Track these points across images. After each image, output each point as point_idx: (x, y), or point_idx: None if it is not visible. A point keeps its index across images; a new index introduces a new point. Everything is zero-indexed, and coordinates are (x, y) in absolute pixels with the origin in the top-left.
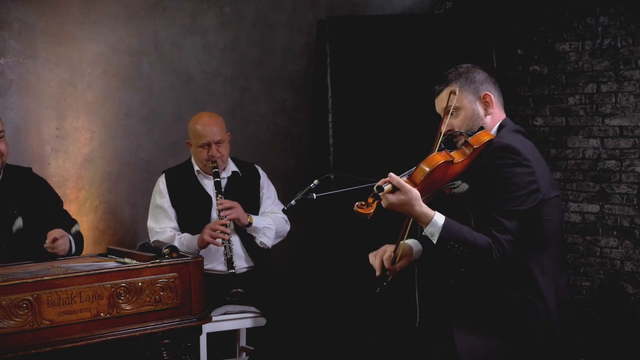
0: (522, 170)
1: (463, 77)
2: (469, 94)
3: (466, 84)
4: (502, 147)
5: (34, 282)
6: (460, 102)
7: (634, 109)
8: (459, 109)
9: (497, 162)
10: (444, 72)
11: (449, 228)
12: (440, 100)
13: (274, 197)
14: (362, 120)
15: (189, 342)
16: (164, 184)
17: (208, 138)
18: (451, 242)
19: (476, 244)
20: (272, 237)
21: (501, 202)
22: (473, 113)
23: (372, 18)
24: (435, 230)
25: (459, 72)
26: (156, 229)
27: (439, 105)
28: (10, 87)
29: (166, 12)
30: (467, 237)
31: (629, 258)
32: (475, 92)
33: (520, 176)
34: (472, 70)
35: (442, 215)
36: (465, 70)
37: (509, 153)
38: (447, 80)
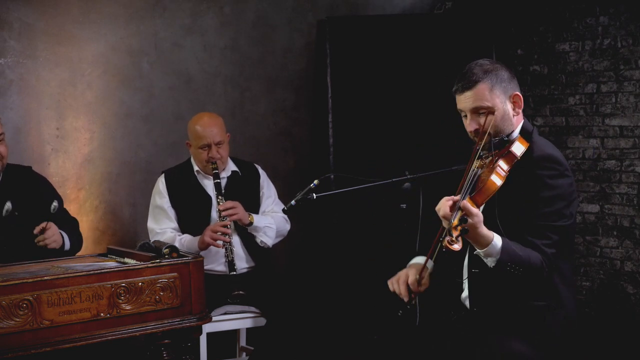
0: (565, 182)
1: (493, 74)
2: (500, 93)
3: (497, 82)
4: (546, 158)
5: (34, 282)
6: (493, 102)
7: (634, 109)
8: (491, 109)
9: (542, 172)
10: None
11: (506, 249)
12: (470, 97)
13: (274, 196)
14: (362, 120)
15: (189, 342)
16: (163, 185)
17: (208, 139)
18: (509, 263)
19: (530, 262)
20: (272, 237)
21: (548, 216)
22: (504, 114)
23: (372, 18)
24: (494, 252)
25: (486, 69)
26: (156, 230)
27: (469, 103)
28: (10, 87)
29: (166, 12)
30: (522, 257)
31: (629, 258)
32: (505, 91)
33: (564, 187)
34: (499, 67)
35: (498, 236)
36: (492, 67)
37: (553, 163)
38: (477, 75)
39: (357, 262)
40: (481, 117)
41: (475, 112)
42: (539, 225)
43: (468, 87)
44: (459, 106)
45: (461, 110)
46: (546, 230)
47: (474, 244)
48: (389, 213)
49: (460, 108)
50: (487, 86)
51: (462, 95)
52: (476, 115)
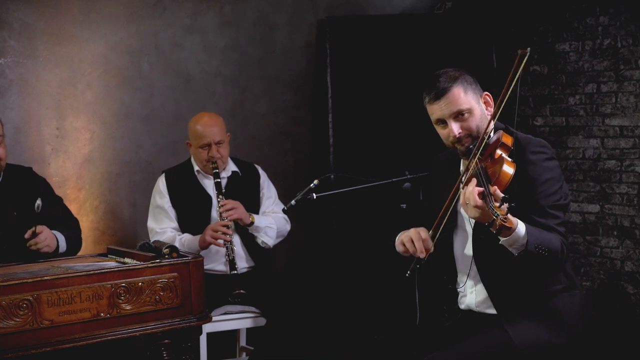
0: (555, 164)
1: (462, 79)
2: (473, 94)
3: (468, 84)
4: (536, 143)
5: (34, 282)
6: (469, 104)
7: (634, 109)
8: (471, 110)
9: (537, 156)
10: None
11: (531, 232)
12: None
13: (274, 196)
14: (362, 120)
15: (189, 342)
16: (164, 184)
17: (208, 139)
18: (537, 245)
19: (553, 242)
20: (273, 237)
21: (552, 195)
22: (481, 114)
23: (372, 18)
24: (520, 237)
25: (453, 75)
26: (157, 229)
27: (449, 108)
28: (10, 87)
29: (166, 12)
30: (546, 237)
31: (629, 258)
32: (475, 92)
33: (556, 169)
34: (464, 72)
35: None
36: (458, 73)
37: (543, 147)
38: (448, 81)
39: (357, 262)
40: (461, 119)
41: (455, 117)
42: (546, 206)
43: (443, 94)
44: (436, 115)
45: (439, 118)
46: (553, 209)
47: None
48: (389, 213)
49: (437, 117)
50: (461, 90)
51: (438, 103)
52: (457, 119)
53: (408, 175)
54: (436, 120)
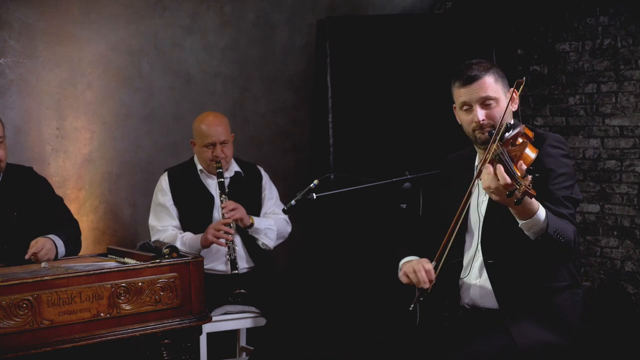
0: (571, 162)
1: (494, 70)
2: (503, 87)
3: (499, 76)
4: (556, 138)
5: (34, 282)
6: (498, 94)
7: (634, 109)
8: (498, 100)
9: (556, 150)
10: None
11: (550, 216)
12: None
13: (275, 198)
14: (362, 120)
15: (189, 342)
16: (166, 182)
17: (213, 138)
18: (555, 230)
19: (566, 229)
20: (273, 238)
21: (567, 188)
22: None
23: (372, 18)
24: (540, 221)
25: (487, 65)
26: (158, 227)
27: (477, 93)
28: (10, 87)
29: (166, 12)
30: (560, 223)
31: (630, 258)
32: (505, 86)
33: (570, 167)
34: (496, 65)
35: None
36: (491, 65)
37: (562, 144)
38: (482, 69)
39: (357, 262)
40: (487, 107)
41: (482, 103)
42: (561, 196)
43: (475, 79)
44: (463, 98)
45: (465, 102)
46: (568, 201)
47: (520, 214)
48: (389, 213)
49: (464, 100)
50: (492, 79)
51: (467, 87)
52: (483, 106)
53: (408, 175)
54: (462, 104)
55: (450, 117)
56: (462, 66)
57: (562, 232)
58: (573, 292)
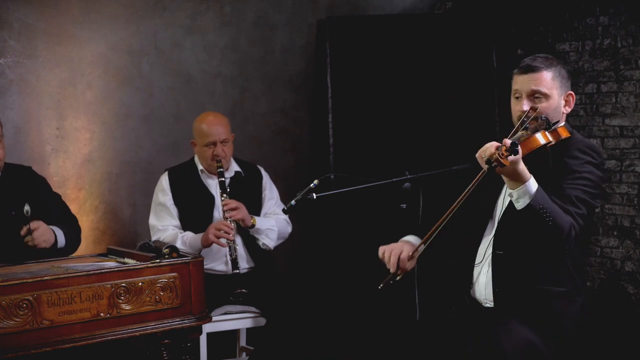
0: (599, 173)
1: (557, 68)
2: (559, 86)
3: (560, 75)
4: (591, 146)
5: (34, 282)
6: (550, 91)
7: (634, 109)
8: (548, 97)
9: (585, 156)
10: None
11: (541, 192)
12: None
13: (276, 198)
14: (362, 120)
15: (189, 342)
16: (167, 182)
17: (214, 137)
18: (541, 205)
19: (560, 216)
20: (274, 239)
21: (584, 191)
22: (557, 106)
23: (372, 18)
24: (529, 192)
25: (552, 62)
26: (158, 227)
27: (529, 85)
28: (10, 87)
29: (166, 12)
30: (554, 206)
31: (630, 258)
32: (562, 86)
33: (598, 177)
34: (562, 65)
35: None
36: (556, 62)
37: (595, 152)
38: (544, 63)
39: (357, 262)
40: (535, 101)
41: (531, 95)
42: (574, 195)
43: (532, 70)
44: (516, 86)
45: (517, 90)
46: (579, 201)
47: (510, 181)
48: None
49: (517, 88)
50: (550, 75)
51: (524, 76)
52: (531, 98)
53: (408, 175)
54: (514, 91)
55: (450, 117)
56: (531, 56)
57: (551, 213)
58: (572, 300)
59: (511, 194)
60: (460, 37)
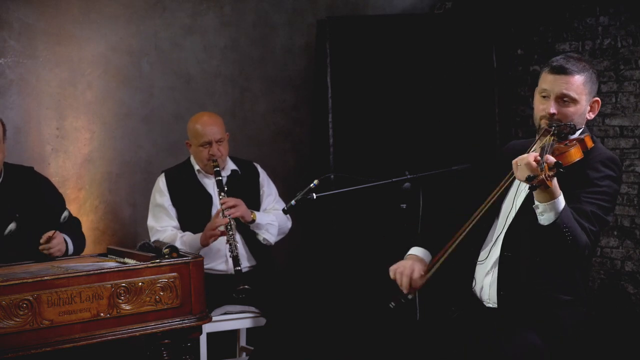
0: (617, 187)
1: (589, 73)
2: (588, 92)
3: (590, 80)
4: (612, 159)
5: (34, 282)
6: (579, 96)
7: (634, 109)
8: (576, 102)
9: (606, 170)
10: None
11: (567, 210)
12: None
13: (274, 194)
14: (362, 120)
15: (189, 342)
16: (164, 183)
17: (209, 137)
18: (565, 224)
19: (580, 234)
20: (275, 234)
21: (600, 207)
22: (583, 111)
23: (372, 18)
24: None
25: (585, 66)
26: (157, 228)
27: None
28: (10, 87)
29: (166, 12)
30: (576, 225)
31: (630, 258)
32: (591, 92)
33: (616, 191)
34: (593, 69)
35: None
36: (590, 66)
37: (616, 166)
38: (578, 66)
39: (357, 262)
40: (562, 104)
41: (560, 98)
42: (589, 211)
43: (565, 72)
44: (545, 85)
45: (545, 90)
46: (595, 218)
47: (540, 194)
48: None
49: (545, 87)
50: (582, 80)
51: (555, 76)
52: (559, 101)
53: (408, 175)
54: (542, 90)
55: (450, 117)
56: (564, 54)
57: (572, 232)
58: (576, 309)
59: (537, 206)
60: (460, 37)
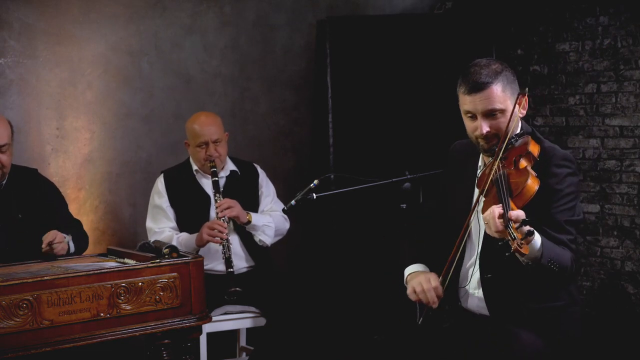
0: (576, 180)
1: (503, 76)
2: (511, 94)
3: (507, 83)
4: (562, 157)
5: (34, 282)
6: (504, 104)
7: (634, 109)
8: (504, 111)
9: (560, 170)
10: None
11: (546, 245)
12: (484, 99)
13: (272, 195)
14: (362, 120)
15: (188, 342)
16: (162, 184)
17: (206, 137)
18: (549, 259)
19: (563, 258)
20: (271, 235)
21: (568, 211)
22: (515, 115)
23: (372, 18)
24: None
25: (496, 70)
26: (155, 229)
27: (482, 105)
28: (10, 87)
29: (166, 12)
30: (559, 253)
31: (630, 258)
32: (513, 92)
33: (576, 185)
34: (506, 68)
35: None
36: (501, 68)
37: (568, 162)
38: (489, 76)
39: (357, 262)
40: (492, 118)
41: (487, 114)
42: (561, 220)
43: (480, 89)
44: (467, 107)
45: (469, 111)
46: (567, 225)
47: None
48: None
49: (468, 109)
50: (500, 88)
51: (473, 96)
52: (488, 117)
53: (408, 175)
54: (465, 112)
55: (450, 117)
56: (470, 68)
57: (557, 261)
58: (570, 311)
59: None
60: (460, 37)
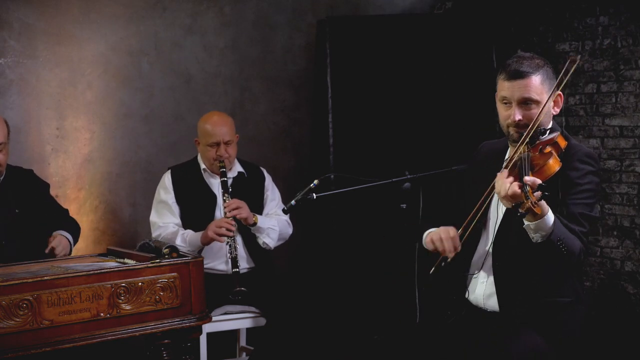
0: (597, 180)
1: (544, 70)
2: (549, 89)
3: (548, 77)
4: (588, 154)
5: (34, 282)
6: (540, 96)
7: (634, 109)
8: (538, 102)
9: (584, 166)
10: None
11: (558, 224)
12: (522, 87)
13: (278, 199)
14: (362, 120)
15: (188, 342)
16: (169, 180)
17: (217, 137)
18: (559, 238)
19: (573, 243)
20: (275, 238)
21: (586, 205)
22: (548, 110)
23: (372, 18)
24: (547, 225)
25: (539, 63)
26: (159, 224)
27: (520, 92)
28: (10, 87)
29: (166, 12)
30: (569, 236)
31: (629, 258)
32: (551, 88)
33: (596, 184)
34: (548, 64)
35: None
36: (543, 62)
37: (593, 160)
38: (531, 67)
39: (356, 262)
40: (526, 108)
41: (522, 103)
42: (577, 212)
43: (521, 76)
44: (504, 93)
45: (505, 97)
46: (582, 218)
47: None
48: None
49: (505, 95)
50: (539, 80)
51: (512, 82)
52: (522, 105)
53: (408, 175)
54: (502, 98)
55: (450, 117)
56: (513, 57)
57: (566, 243)
58: (576, 309)
59: (527, 226)
60: (460, 37)
